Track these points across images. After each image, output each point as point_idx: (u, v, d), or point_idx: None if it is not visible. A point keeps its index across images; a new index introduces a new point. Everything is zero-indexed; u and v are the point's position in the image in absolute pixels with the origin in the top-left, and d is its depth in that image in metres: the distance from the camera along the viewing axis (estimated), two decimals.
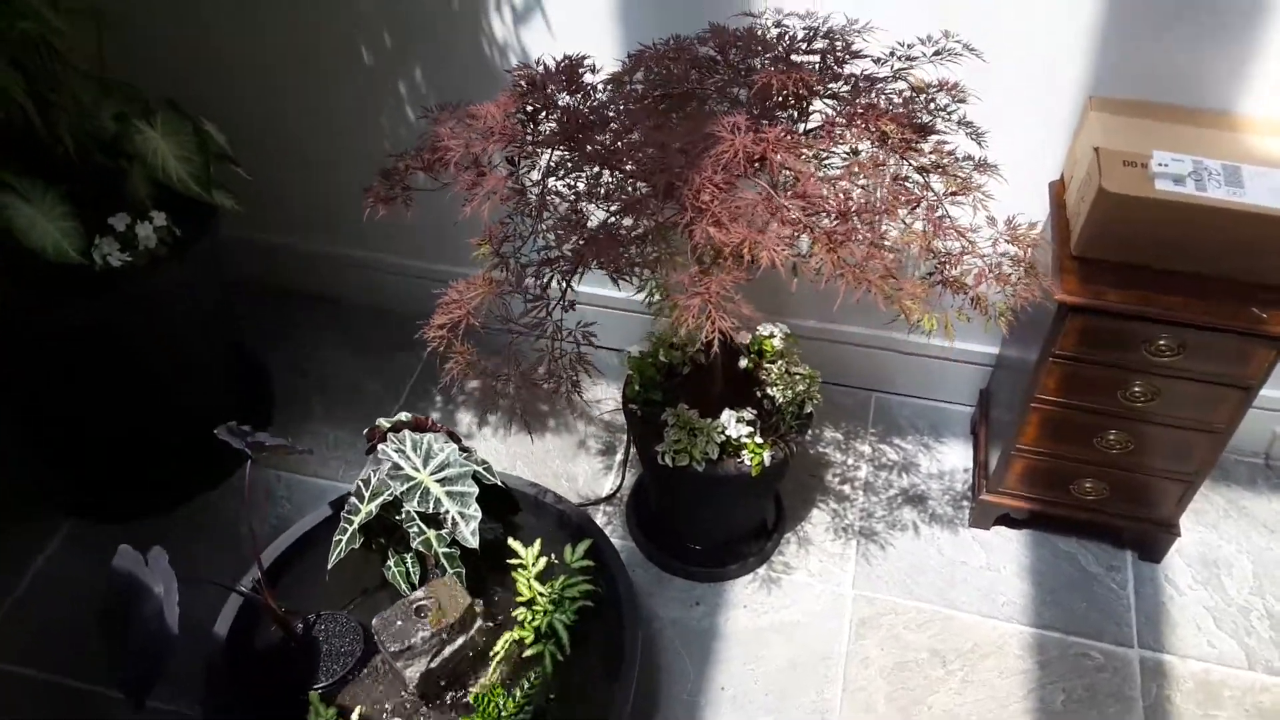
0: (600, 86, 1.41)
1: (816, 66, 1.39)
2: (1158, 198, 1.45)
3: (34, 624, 1.82)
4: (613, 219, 1.23)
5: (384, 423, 1.55)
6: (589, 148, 1.27)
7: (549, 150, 1.28)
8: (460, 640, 1.47)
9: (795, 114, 1.40)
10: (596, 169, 1.26)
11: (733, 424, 1.62)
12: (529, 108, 1.28)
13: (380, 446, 1.53)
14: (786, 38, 1.41)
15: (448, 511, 1.52)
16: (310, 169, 2.17)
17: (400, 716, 1.48)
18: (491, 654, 1.53)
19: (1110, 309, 1.51)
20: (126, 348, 1.73)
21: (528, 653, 1.53)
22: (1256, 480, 2.08)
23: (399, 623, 1.42)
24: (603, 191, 1.23)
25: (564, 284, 1.18)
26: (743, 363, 1.76)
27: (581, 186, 1.23)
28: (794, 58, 1.40)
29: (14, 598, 1.85)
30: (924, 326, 1.29)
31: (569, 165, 1.27)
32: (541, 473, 2.06)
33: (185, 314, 1.81)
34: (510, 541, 1.64)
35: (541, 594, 1.57)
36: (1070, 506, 1.85)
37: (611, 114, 1.35)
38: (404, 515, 1.52)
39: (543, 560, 1.60)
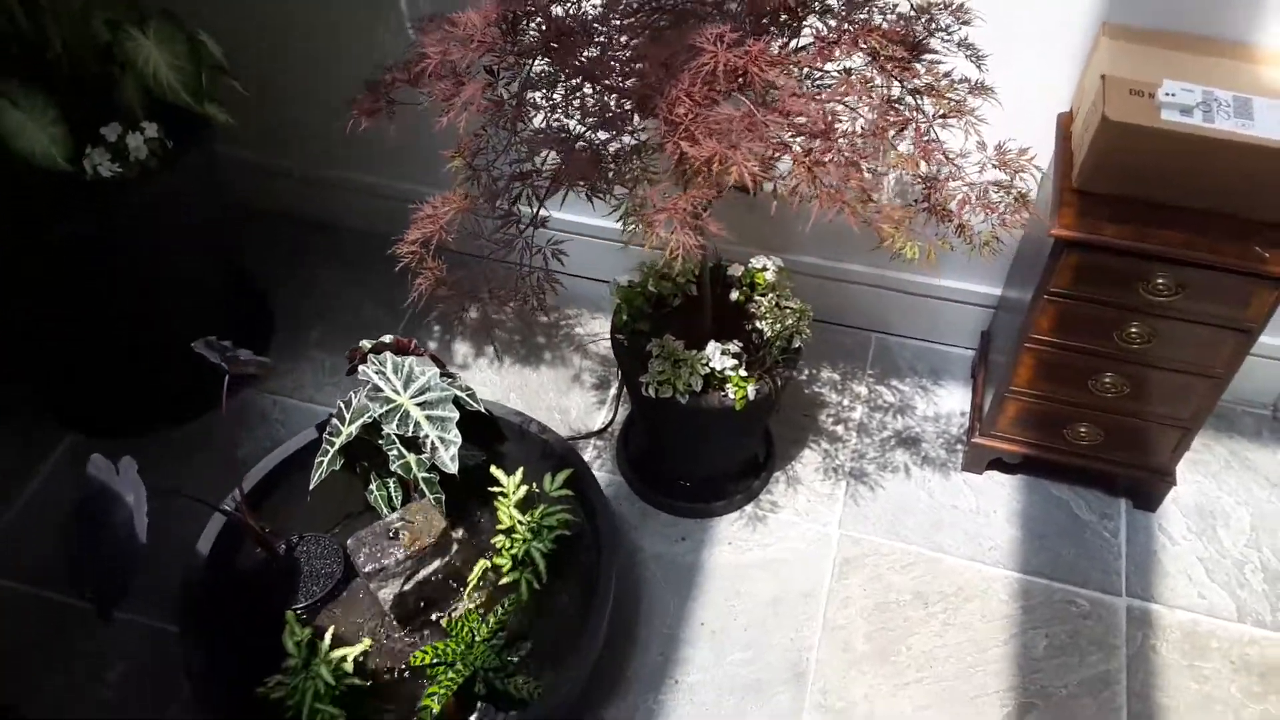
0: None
1: None
2: (1162, 128, 1.39)
3: (31, 537, 1.84)
4: (589, 133, 1.20)
5: (366, 344, 1.54)
6: (570, 59, 1.23)
7: (530, 61, 1.25)
8: (436, 564, 1.47)
9: (789, 31, 1.35)
10: (576, 82, 1.22)
11: (717, 356, 1.59)
12: (510, 14, 1.24)
13: (361, 368, 1.52)
14: None
15: (427, 436, 1.51)
16: (314, 91, 2.14)
17: (374, 638, 1.49)
18: (468, 579, 1.53)
19: (1106, 244, 1.46)
20: (121, 261, 1.72)
21: (504, 580, 1.53)
22: (1262, 432, 2.04)
23: (373, 544, 1.42)
24: (578, 102, 1.20)
25: (535, 201, 1.16)
26: (734, 295, 1.73)
27: (558, 97, 1.20)
28: None
29: (13, 510, 1.87)
30: (905, 254, 1.26)
31: (548, 77, 1.23)
32: (535, 405, 2.05)
33: (180, 229, 1.79)
34: (493, 469, 1.63)
35: (521, 522, 1.57)
36: (1064, 452, 1.82)
37: (599, 26, 1.32)
38: (384, 438, 1.52)
39: (524, 489, 1.60)
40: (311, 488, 1.54)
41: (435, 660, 1.43)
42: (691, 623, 1.73)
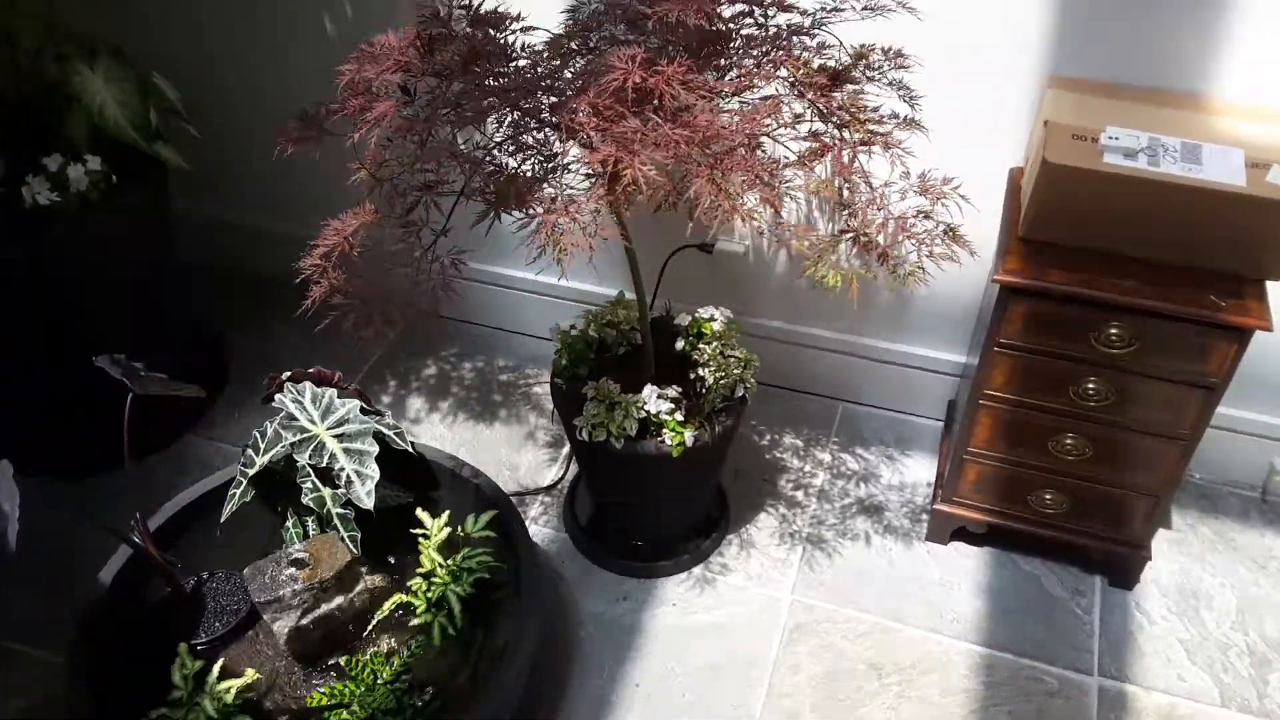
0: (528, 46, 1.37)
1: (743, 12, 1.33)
2: (1104, 170, 1.35)
3: None
4: (498, 152, 1.18)
5: (287, 373, 1.51)
6: (486, 80, 1.22)
7: (447, 82, 1.24)
8: (338, 600, 1.40)
9: (717, 66, 1.34)
10: (491, 102, 1.21)
11: (653, 400, 1.54)
12: (428, 36, 1.24)
13: (277, 396, 1.48)
14: None
15: (343, 469, 1.45)
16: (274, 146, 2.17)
17: (272, 678, 1.40)
18: (376, 618, 1.46)
19: (1052, 291, 1.41)
20: (60, 292, 1.71)
21: (414, 622, 1.45)
22: (1250, 513, 1.92)
23: (271, 573, 1.36)
24: (491, 123, 1.18)
25: (436, 209, 1.13)
26: (679, 344, 1.68)
27: (470, 113, 1.18)
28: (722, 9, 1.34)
29: None
30: (827, 282, 1.21)
31: (465, 96, 1.22)
32: (485, 460, 1.99)
33: (123, 266, 1.79)
34: (419, 511, 1.57)
35: (441, 565, 1.49)
36: (1030, 521, 1.72)
37: (529, 58, 1.31)
38: (299, 470, 1.46)
39: (446, 531, 1.53)
40: (223, 519, 1.48)
41: (332, 702, 1.35)
42: (626, 685, 1.62)
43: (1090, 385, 1.50)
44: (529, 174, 1.21)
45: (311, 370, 1.52)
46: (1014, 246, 1.46)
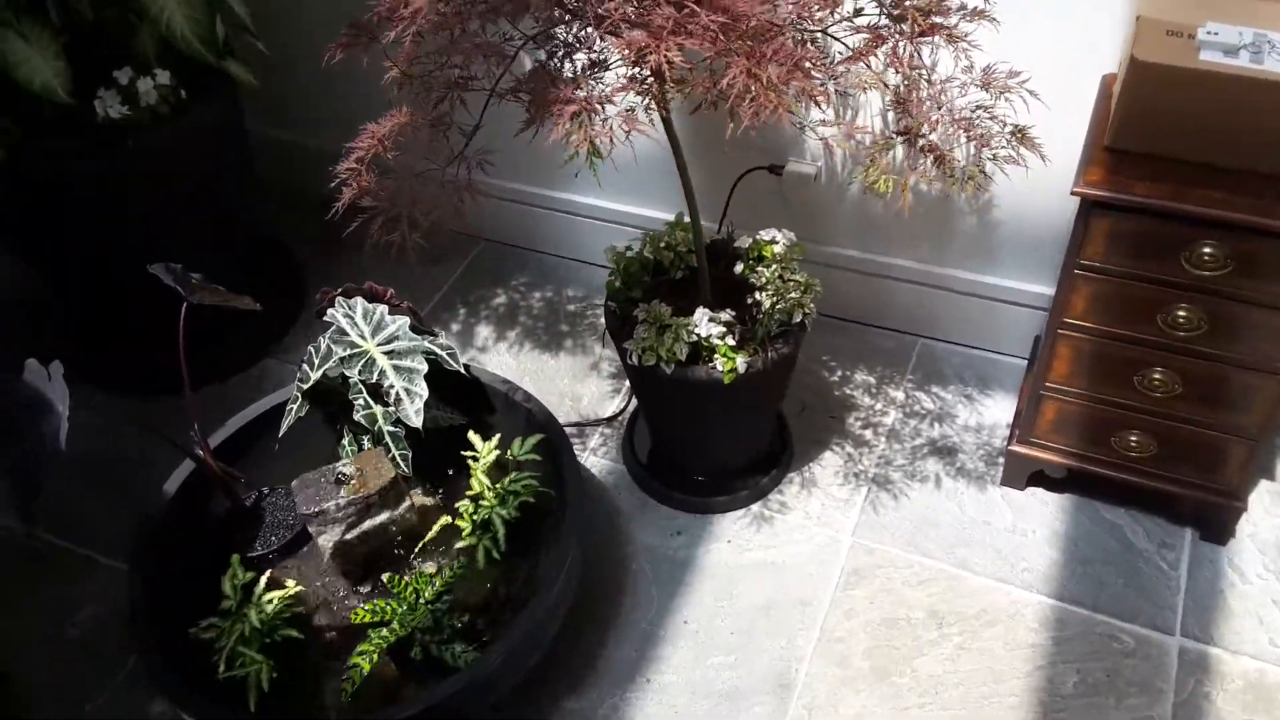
0: None
1: None
2: (1200, 69, 1.22)
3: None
4: (536, 49, 1.13)
5: (340, 289, 1.51)
6: None
7: None
8: (383, 516, 1.40)
9: None
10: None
11: (704, 323, 1.48)
12: None
13: (329, 311, 1.48)
14: None
15: (392, 385, 1.45)
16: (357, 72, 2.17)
17: (320, 594, 1.42)
18: (424, 541, 1.46)
19: (1138, 204, 1.29)
20: (137, 211, 1.74)
21: (460, 544, 1.45)
22: None
23: (317, 486, 1.37)
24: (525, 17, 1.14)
25: (462, 106, 1.09)
26: (738, 268, 1.62)
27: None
28: None
29: None
30: (878, 189, 1.13)
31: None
32: (547, 390, 1.97)
33: (198, 185, 1.81)
34: (470, 434, 1.56)
35: (489, 489, 1.48)
36: (1113, 465, 1.61)
37: None
38: (351, 387, 1.47)
39: (495, 454, 1.52)
40: (280, 434, 1.51)
41: (374, 619, 1.35)
42: (674, 620, 1.59)
43: (1180, 313, 1.38)
44: (563, 72, 1.17)
45: (364, 286, 1.52)
46: (1098, 157, 1.35)
